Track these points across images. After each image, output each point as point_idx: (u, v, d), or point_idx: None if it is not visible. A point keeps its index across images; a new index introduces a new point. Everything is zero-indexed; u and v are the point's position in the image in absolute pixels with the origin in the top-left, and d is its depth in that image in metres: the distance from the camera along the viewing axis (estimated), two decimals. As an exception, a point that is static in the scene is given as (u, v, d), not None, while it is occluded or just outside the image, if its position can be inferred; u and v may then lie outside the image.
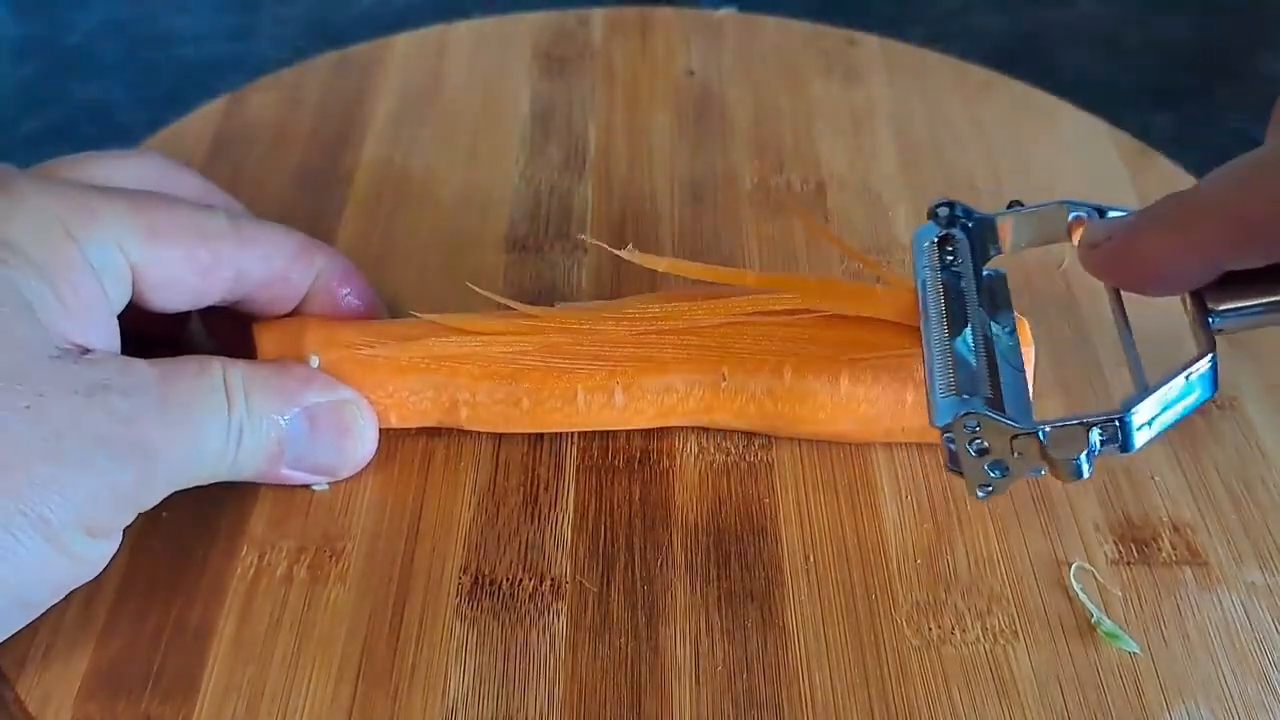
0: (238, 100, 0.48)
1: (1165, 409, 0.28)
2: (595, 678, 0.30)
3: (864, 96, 0.50)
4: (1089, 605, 0.32)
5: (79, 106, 0.60)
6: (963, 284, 0.33)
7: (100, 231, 0.29)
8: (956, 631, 0.31)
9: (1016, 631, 0.31)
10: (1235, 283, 0.25)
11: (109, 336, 0.30)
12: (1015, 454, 0.29)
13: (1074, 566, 0.33)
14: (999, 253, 0.35)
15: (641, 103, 0.49)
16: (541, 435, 0.36)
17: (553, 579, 0.32)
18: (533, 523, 0.34)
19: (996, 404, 0.30)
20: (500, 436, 0.36)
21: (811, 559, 0.33)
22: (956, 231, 0.34)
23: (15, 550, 0.26)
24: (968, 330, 0.31)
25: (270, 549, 0.33)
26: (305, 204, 0.44)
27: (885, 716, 0.29)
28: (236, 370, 0.30)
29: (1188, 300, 0.28)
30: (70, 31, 0.64)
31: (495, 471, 0.35)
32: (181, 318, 0.36)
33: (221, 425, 0.30)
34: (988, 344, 0.31)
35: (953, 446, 0.29)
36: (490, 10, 0.54)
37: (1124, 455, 0.28)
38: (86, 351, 0.29)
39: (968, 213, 0.34)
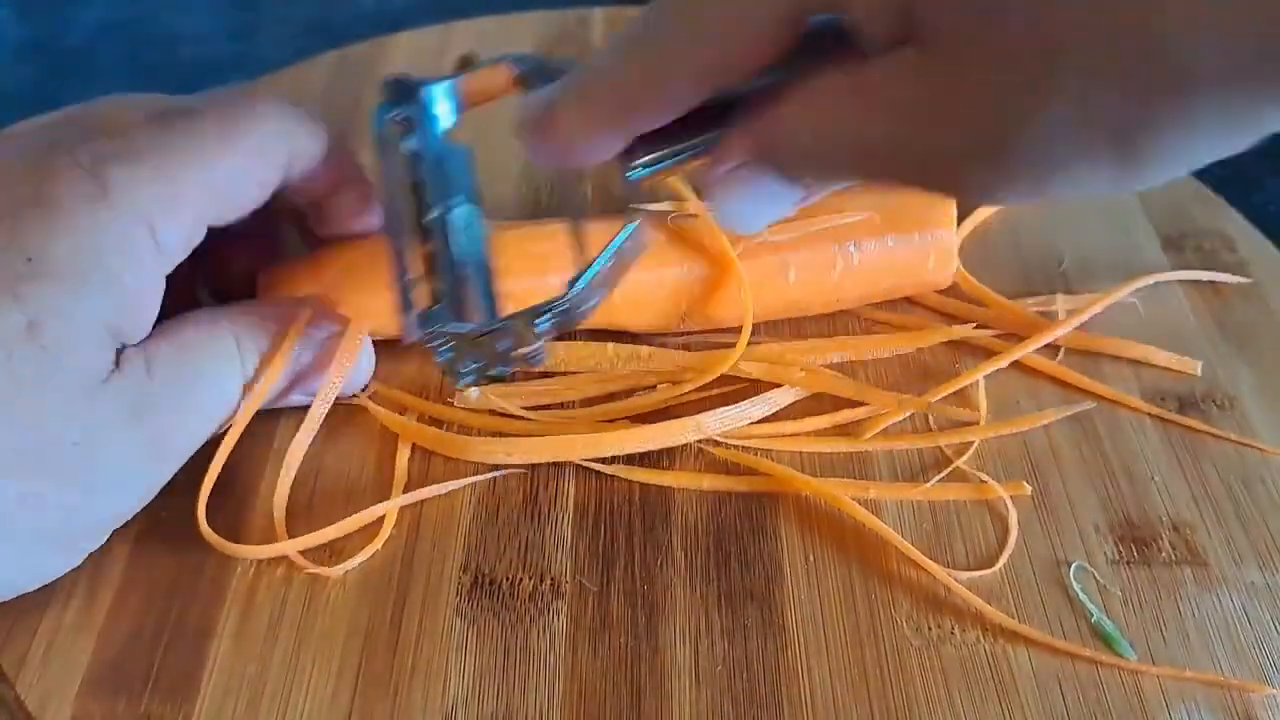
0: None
1: (607, 280, 0.31)
2: (595, 677, 0.30)
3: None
4: (1089, 605, 0.32)
5: (79, 106, 0.60)
6: (426, 167, 0.32)
7: (185, 214, 0.30)
8: (956, 631, 0.31)
9: (1016, 631, 0.31)
10: (644, 140, 0.27)
11: (152, 317, 0.30)
12: (483, 349, 0.31)
13: (1074, 566, 0.33)
14: (459, 115, 0.34)
15: (641, 103, 0.49)
16: (543, 436, 0.36)
17: (553, 578, 0.32)
18: (533, 522, 0.34)
19: (458, 303, 0.32)
20: (500, 435, 0.36)
21: (811, 559, 0.33)
22: (412, 108, 0.32)
23: (41, 565, 0.30)
24: (432, 220, 0.32)
25: (270, 548, 0.33)
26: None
27: (885, 716, 0.29)
28: (239, 323, 0.32)
29: (613, 167, 0.29)
30: (70, 32, 0.64)
31: (495, 470, 0.35)
32: None
33: (236, 383, 0.32)
34: (447, 233, 0.32)
35: (435, 354, 0.32)
36: (490, 10, 0.54)
37: (578, 326, 0.31)
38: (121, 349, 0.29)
39: (421, 84, 0.33)
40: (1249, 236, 0.43)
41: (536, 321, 0.31)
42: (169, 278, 0.30)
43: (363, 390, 0.36)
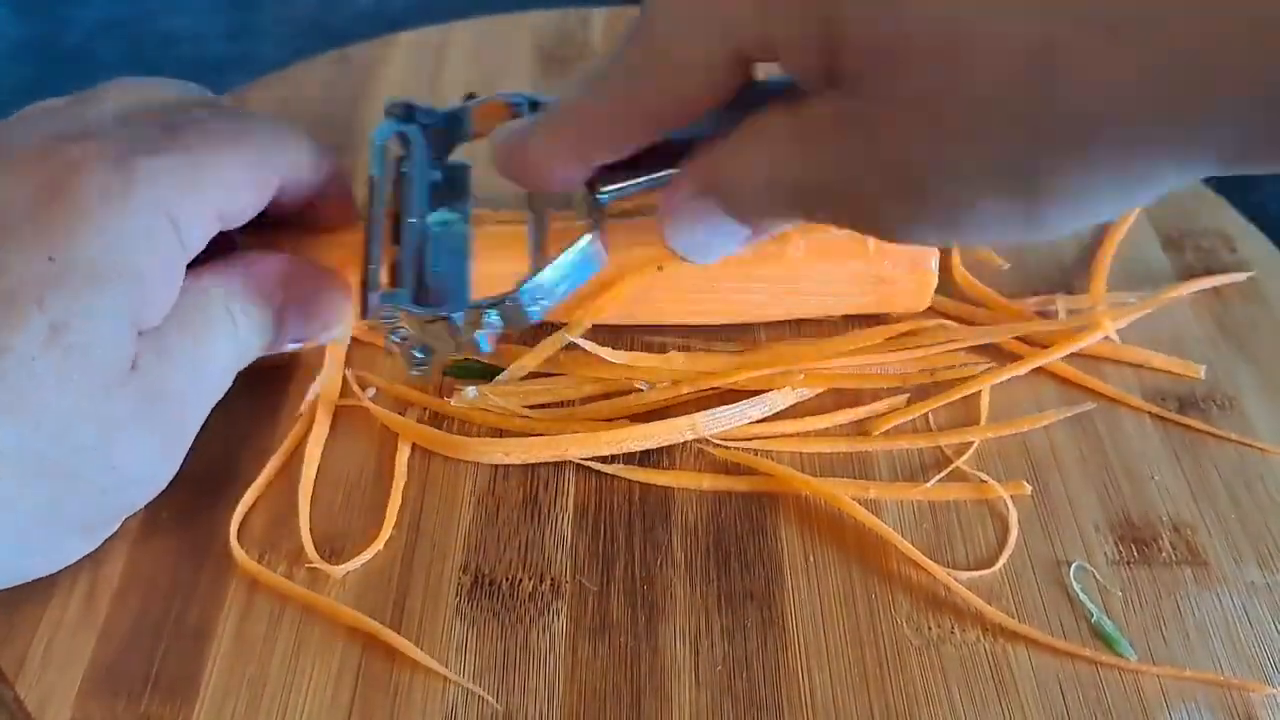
0: (238, 100, 0.48)
1: (559, 284, 0.32)
2: (595, 677, 0.30)
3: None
4: (1089, 605, 0.32)
5: (79, 106, 0.60)
6: (412, 178, 0.35)
7: (204, 211, 0.30)
8: (956, 631, 0.31)
9: (1016, 631, 0.31)
10: (611, 169, 0.30)
11: (171, 303, 0.30)
12: (433, 336, 0.32)
13: (1074, 566, 0.33)
14: (464, 141, 0.37)
15: (641, 102, 0.49)
16: (542, 435, 0.36)
17: (553, 578, 0.32)
18: (533, 522, 0.34)
19: (422, 294, 0.33)
20: (500, 433, 0.36)
21: (811, 558, 0.33)
22: (411, 129, 0.36)
23: (59, 550, 0.30)
24: (409, 223, 0.34)
25: (270, 549, 0.33)
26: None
27: (885, 716, 0.29)
28: (225, 283, 0.32)
29: (579, 191, 0.32)
30: (70, 31, 0.64)
31: (495, 470, 0.35)
32: None
33: (231, 344, 0.32)
34: (424, 236, 0.34)
35: (387, 336, 0.33)
36: (490, 10, 0.54)
37: (528, 324, 0.32)
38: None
39: (426, 111, 0.36)
40: (1249, 236, 0.43)
41: (485, 313, 0.32)
42: None
43: (368, 390, 0.36)
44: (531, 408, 0.36)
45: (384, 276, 0.34)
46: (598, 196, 0.31)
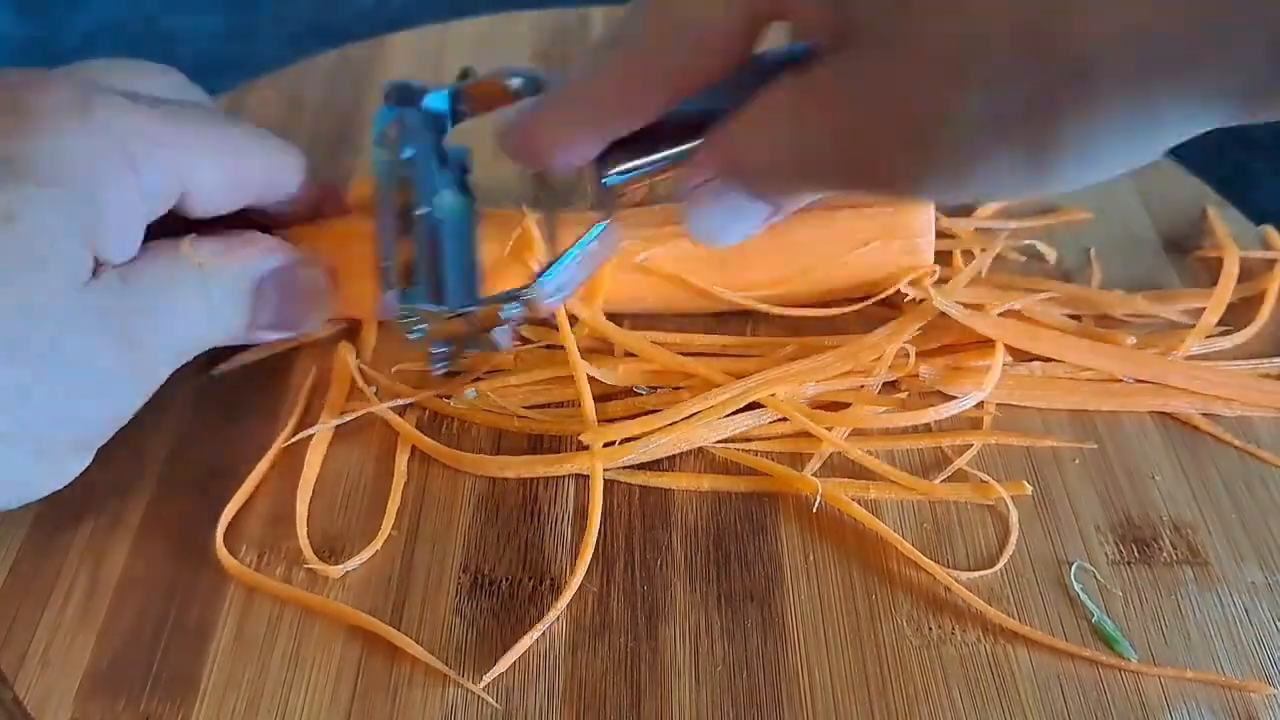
0: (238, 100, 0.48)
1: (577, 273, 0.32)
2: (595, 677, 0.30)
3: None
4: (1089, 605, 0.32)
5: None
6: (417, 165, 0.35)
7: (163, 160, 0.30)
8: (956, 631, 0.31)
9: (1017, 631, 0.31)
10: (620, 149, 0.29)
11: (135, 245, 0.31)
12: (453, 332, 0.33)
13: (1074, 566, 0.33)
14: (461, 121, 0.36)
15: (641, 102, 0.49)
16: (541, 435, 0.36)
17: (553, 578, 0.32)
18: (533, 522, 0.34)
19: (436, 288, 0.33)
20: (500, 433, 0.36)
21: (811, 558, 0.33)
22: (409, 112, 0.35)
23: (20, 472, 0.29)
24: (420, 215, 0.34)
25: (269, 549, 0.33)
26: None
27: (885, 716, 0.29)
28: (199, 251, 0.32)
29: (588, 172, 0.31)
30: (70, 32, 0.64)
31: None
32: None
33: (203, 307, 0.32)
34: (434, 226, 0.34)
35: (407, 334, 0.33)
36: (490, 10, 0.54)
37: (547, 315, 0.33)
38: (98, 265, 0.29)
39: (422, 90, 0.36)
40: (1249, 236, 0.43)
41: (504, 307, 0.32)
42: None
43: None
44: (531, 408, 0.36)
45: (399, 275, 0.33)
46: (606, 179, 0.30)
